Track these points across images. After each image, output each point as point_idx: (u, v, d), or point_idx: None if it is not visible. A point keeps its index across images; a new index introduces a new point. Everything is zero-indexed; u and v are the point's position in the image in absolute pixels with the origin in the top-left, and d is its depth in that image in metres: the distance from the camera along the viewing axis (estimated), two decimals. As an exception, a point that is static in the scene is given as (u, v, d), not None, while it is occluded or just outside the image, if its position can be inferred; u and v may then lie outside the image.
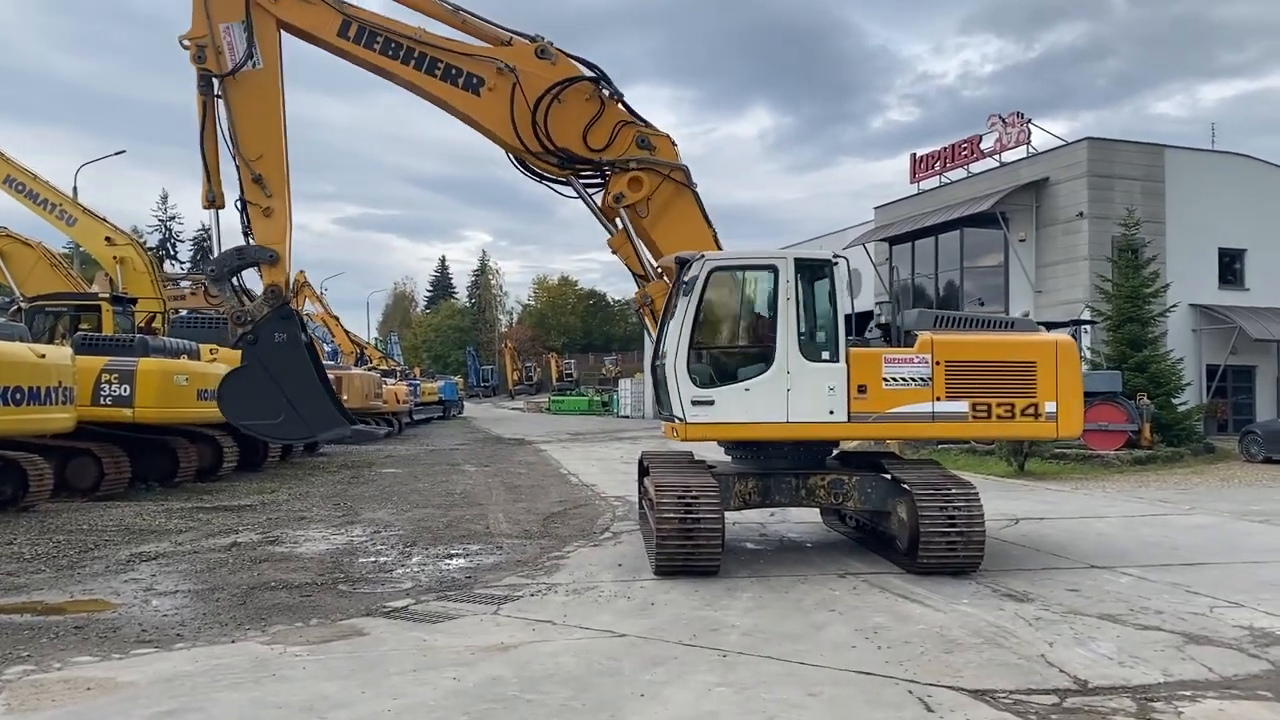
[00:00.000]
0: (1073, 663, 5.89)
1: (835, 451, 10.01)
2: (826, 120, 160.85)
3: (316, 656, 6.00)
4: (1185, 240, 27.43)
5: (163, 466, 15.42)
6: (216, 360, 16.99)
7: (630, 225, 9.89)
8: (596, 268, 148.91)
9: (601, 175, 9.91)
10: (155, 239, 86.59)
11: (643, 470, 10.51)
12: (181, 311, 25.05)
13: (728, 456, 10.04)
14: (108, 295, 19.59)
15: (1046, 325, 9.60)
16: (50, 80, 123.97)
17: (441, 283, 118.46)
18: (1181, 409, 22.61)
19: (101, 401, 14.35)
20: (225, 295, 9.59)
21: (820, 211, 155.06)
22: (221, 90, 9.42)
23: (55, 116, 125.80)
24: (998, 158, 30.10)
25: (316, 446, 22.96)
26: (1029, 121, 29.21)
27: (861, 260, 34.35)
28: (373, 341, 64.46)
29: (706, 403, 8.67)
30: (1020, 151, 29.46)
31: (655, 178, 9.73)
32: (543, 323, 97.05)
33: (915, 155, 33.21)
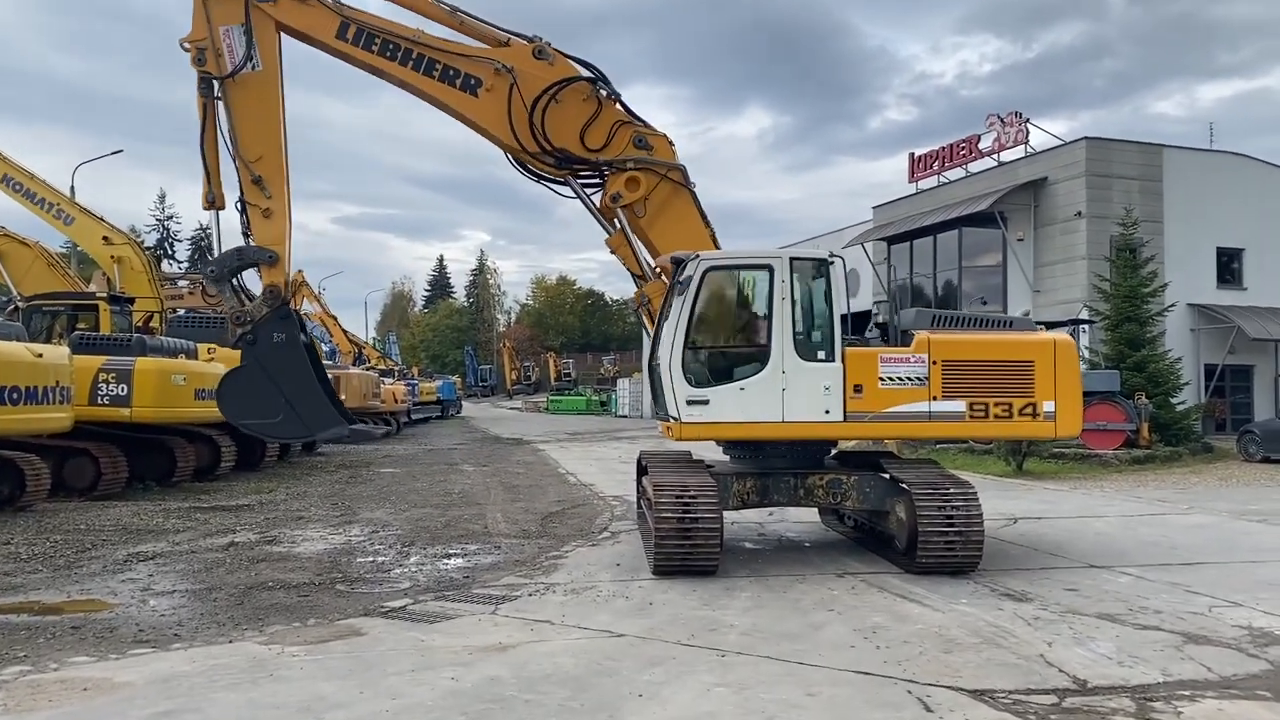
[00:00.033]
0: (1072, 662, 5.88)
1: (834, 451, 10.00)
2: (824, 120, 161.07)
3: (314, 657, 5.99)
4: (1183, 240, 27.45)
5: (160, 466, 15.42)
6: (214, 360, 16.99)
7: (628, 225, 9.88)
8: (595, 267, 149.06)
9: (599, 175, 9.89)
10: (153, 238, 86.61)
11: (641, 470, 10.50)
12: (179, 311, 25.00)
13: (726, 456, 10.03)
14: (105, 295, 19.56)
15: (1046, 325, 9.57)
16: (49, 80, 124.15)
17: (439, 282, 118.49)
18: (1180, 408, 22.66)
19: (99, 401, 14.34)
20: (225, 296, 9.63)
21: (818, 211, 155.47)
22: (222, 92, 9.41)
23: (54, 116, 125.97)
24: (996, 157, 30.13)
25: (314, 446, 22.96)
26: (1027, 121, 29.23)
27: (860, 260, 34.38)
28: (371, 341, 64.49)
29: (701, 402, 8.66)
30: (1018, 151, 29.50)
31: (652, 177, 9.72)
32: (541, 322, 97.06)
33: (913, 155, 33.27)
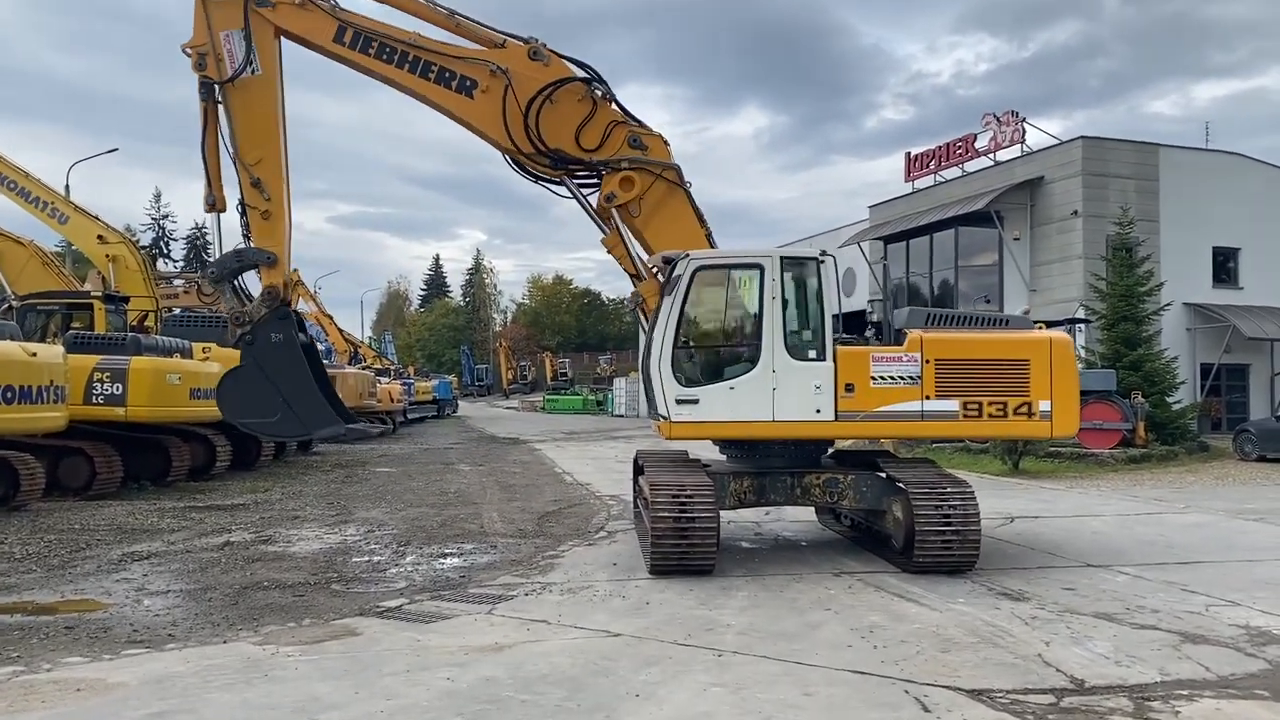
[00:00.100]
0: (1069, 662, 5.87)
1: (830, 450, 9.99)
2: (820, 119, 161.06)
3: (309, 657, 5.96)
4: (1179, 239, 27.46)
5: (155, 465, 15.39)
6: (209, 359, 16.93)
7: (623, 225, 9.86)
8: (591, 266, 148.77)
9: (596, 175, 9.88)
10: (148, 237, 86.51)
11: (638, 469, 10.48)
12: (174, 310, 24.97)
13: (723, 455, 10.02)
14: (100, 294, 19.49)
15: (1046, 324, 9.54)
16: (48, 79, 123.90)
17: (436, 281, 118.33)
18: (1176, 407, 22.68)
19: (94, 400, 14.29)
20: (225, 297, 9.74)
21: (815, 211, 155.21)
22: (222, 96, 9.45)
23: (54, 116, 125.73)
24: (992, 156, 30.15)
25: (310, 445, 22.93)
26: (1023, 120, 29.28)
27: (856, 259, 34.40)
28: (367, 340, 64.41)
29: (691, 401, 8.66)
30: (1015, 150, 29.53)
31: (647, 177, 9.71)
32: (537, 321, 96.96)
33: (910, 154, 33.27)
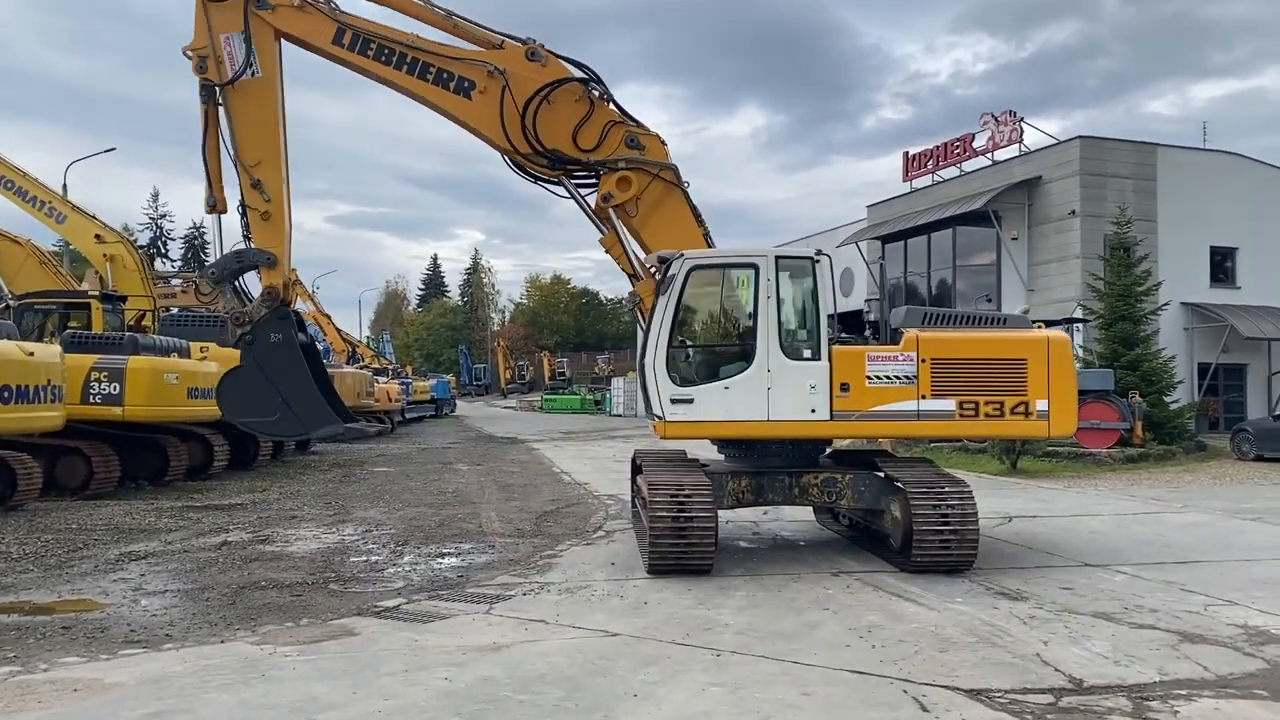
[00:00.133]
0: (1068, 661, 5.87)
1: (828, 450, 9.98)
2: (819, 119, 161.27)
3: (307, 657, 5.95)
4: (1177, 239, 27.48)
5: (153, 465, 15.37)
6: (207, 359, 16.91)
7: (621, 225, 9.86)
8: (589, 266, 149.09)
9: (594, 175, 9.88)
10: (146, 237, 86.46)
11: (635, 469, 10.46)
12: (172, 310, 24.95)
13: (721, 455, 10.01)
14: (97, 293, 19.48)
15: (1045, 324, 9.53)
16: (48, 79, 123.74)
17: (434, 281, 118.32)
18: (1173, 407, 22.71)
19: (91, 400, 14.27)
20: (226, 297, 9.75)
21: (813, 210, 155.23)
22: (222, 99, 9.47)
23: (53, 115, 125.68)
24: (990, 156, 30.15)
25: (309, 445, 22.90)
26: (1021, 120, 29.27)
27: (854, 259, 34.42)
28: (365, 340, 64.31)
29: (686, 401, 8.65)
30: (1013, 150, 29.54)
31: (644, 177, 9.70)
32: (535, 321, 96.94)
33: (908, 154, 33.26)
